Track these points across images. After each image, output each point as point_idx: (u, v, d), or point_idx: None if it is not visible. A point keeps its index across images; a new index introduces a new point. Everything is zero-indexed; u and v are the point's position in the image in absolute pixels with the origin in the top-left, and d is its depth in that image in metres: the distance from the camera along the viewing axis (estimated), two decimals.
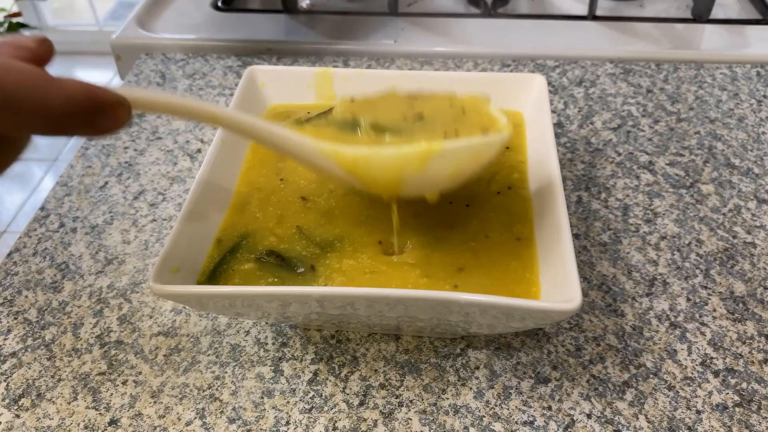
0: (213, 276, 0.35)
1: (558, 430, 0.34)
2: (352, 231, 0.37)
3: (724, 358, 0.37)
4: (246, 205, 0.39)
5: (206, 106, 0.31)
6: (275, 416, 0.35)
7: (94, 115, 0.25)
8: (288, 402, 0.36)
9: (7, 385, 0.37)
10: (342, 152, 0.32)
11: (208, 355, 0.38)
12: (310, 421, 0.35)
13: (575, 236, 0.45)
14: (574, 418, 0.35)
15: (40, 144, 1.78)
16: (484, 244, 0.36)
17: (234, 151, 0.42)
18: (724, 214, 0.47)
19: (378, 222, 0.37)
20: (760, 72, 0.62)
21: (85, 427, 0.35)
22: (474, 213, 0.37)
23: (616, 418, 0.35)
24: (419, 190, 0.33)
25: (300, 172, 0.41)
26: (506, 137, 0.34)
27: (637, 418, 0.35)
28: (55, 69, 0.27)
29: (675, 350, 0.38)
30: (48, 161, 1.72)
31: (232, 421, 0.35)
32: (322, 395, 0.36)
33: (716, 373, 0.37)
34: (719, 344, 0.38)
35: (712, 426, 0.34)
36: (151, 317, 0.41)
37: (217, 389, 0.37)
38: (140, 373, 0.38)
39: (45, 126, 0.24)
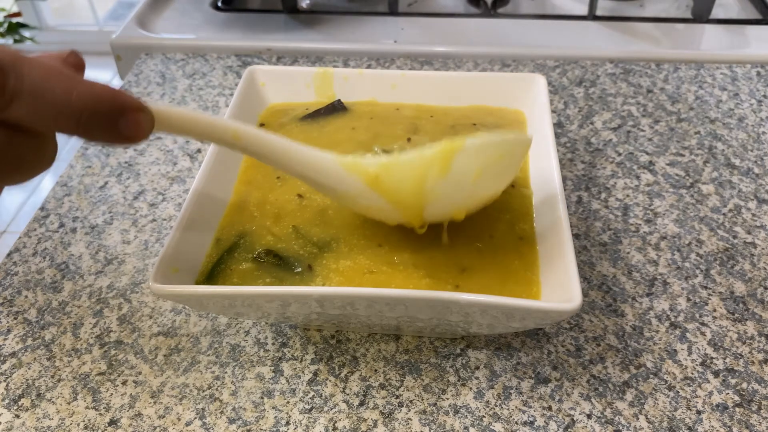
0: (211, 276, 0.35)
1: (558, 430, 0.34)
2: (350, 231, 0.37)
3: (724, 358, 0.37)
4: (244, 204, 0.39)
5: (229, 123, 0.31)
6: (275, 416, 0.35)
7: (117, 115, 0.25)
8: (288, 402, 0.36)
9: (7, 385, 0.37)
10: (364, 165, 0.32)
11: (208, 355, 0.38)
12: (310, 422, 0.35)
13: (575, 236, 0.45)
14: (575, 418, 0.35)
15: None
16: (489, 244, 0.36)
17: (233, 151, 0.42)
18: (724, 214, 0.47)
19: (377, 227, 0.37)
20: (760, 72, 0.62)
21: (85, 427, 0.35)
22: (480, 213, 0.37)
23: (616, 418, 0.35)
24: (445, 205, 0.33)
25: None
26: (528, 139, 0.33)
27: (638, 418, 0.35)
28: None
29: (675, 350, 0.38)
30: None
31: (232, 421, 0.35)
32: (322, 395, 0.36)
33: (716, 373, 0.37)
34: (719, 344, 0.38)
35: (713, 426, 0.34)
36: (151, 317, 0.41)
37: (217, 389, 0.37)
38: (140, 373, 0.37)
39: (68, 120, 0.24)
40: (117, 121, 0.25)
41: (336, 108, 0.45)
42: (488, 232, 0.36)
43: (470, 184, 0.32)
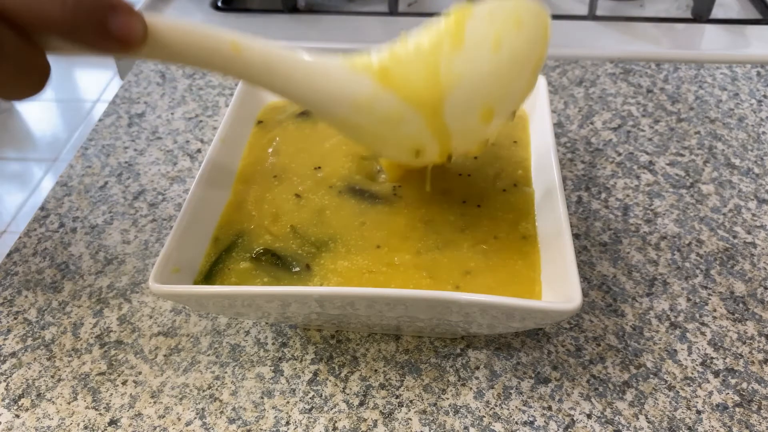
0: (209, 275, 0.35)
1: (558, 430, 0.34)
2: (348, 232, 0.37)
3: (725, 358, 0.37)
4: (242, 203, 0.39)
5: (227, 33, 0.28)
6: (275, 416, 0.35)
7: (106, 10, 0.24)
8: (288, 402, 0.36)
9: (7, 385, 0.37)
10: (370, 61, 0.29)
11: (208, 355, 0.38)
12: (310, 421, 0.35)
13: (575, 236, 0.45)
14: (574, 418, 0.35)
15: (40, 143, 1.78)
16: (494, 246, 0.36)
17: (233, 150, 0.42)
18: (724, 214, 0.47)
19: (375, 228, 0.37)
20: (760, 72, 0.62)
21: (85, 427, 0.35)
22: (485, 213, 0.37)
23: (617, 418, 0.35)
24: (468, 97, 0.29)
25: (293, 169, 0.41)
26: (543, 11, 0.30)
27: (638, 418, 0.35)
28: (55, 69, 0.27)
29: (675, 350, 0.38)
30: (48, 161, 1.72)
31: (232, 421, 0.35)
32: (322, 395, 0.36)
33: (716, 373, 0.37)
34: (719, 344, 0.38)
35: (713, 426, 0.34)
36: (151, 317, 0.41)
37: (217, 389, 0.37)
38: (140, 373, 0.37)
39: (54, 10, 0.23)
40: (106, 17, 0.24)
41: None
42: (493, 233, 0.36)
43: (490, 59, 0.28)
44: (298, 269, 0.35)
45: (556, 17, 0.72)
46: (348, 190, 0.39)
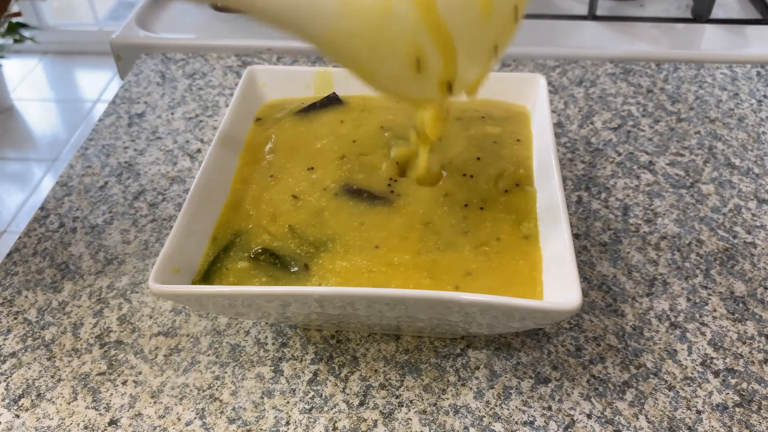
0: (207, 275, 0.35)
1: (558, 430, 0.34)
2: (346, 233, 0.36)
3: (725, 358, 0.37)
4: (240, 203, 0.39)
5: None
6: (275, 416, 0.35)
7: None
8: (288, 402, 0.36)
9: (7, 385, 0.37)
10: None
11: (208, 355, 0.38)
12: (310, 421, 0.35)
13: (575, 236, 0.45)
14: (574, 418, 0.35)
15: (40, 143, 1.78)
16: (496, 247, 0.35)
17: (232, 150, 0.42)
18: (724, 214, 0.47)
19: (374, 229, 0.37)
20: (760, 72, 0.62)
21: (85, 427, 0.35)
22: (488, 216, 0.37)
23: (617, 418, 0.35)
24: None
25: (288, 170, 0.41)
26: None
27: (638, 418, 0.35)
28: (55, 69, 0.27)
29: (675, 350, 0.38)
30: (48, 161, 1.72)
31: (232, 421, 0.35)
32: (322, 395, 0.36)
33: (716, 373, 0.37)
34: (719, 344, 0.38)
35: (713, 426, 0.34)
36: (151, 317, 0.41)
37: (217, 389, 0.37)
38: (140, 373, 0.37)
39: None
40: None
41: (331, 101, 0.45)
42: (495, 235, 0.36)
43: None
44: (296, 269, 0.35)
45: (556, 17, 0.72)
46: (345, 191, 0.39)
